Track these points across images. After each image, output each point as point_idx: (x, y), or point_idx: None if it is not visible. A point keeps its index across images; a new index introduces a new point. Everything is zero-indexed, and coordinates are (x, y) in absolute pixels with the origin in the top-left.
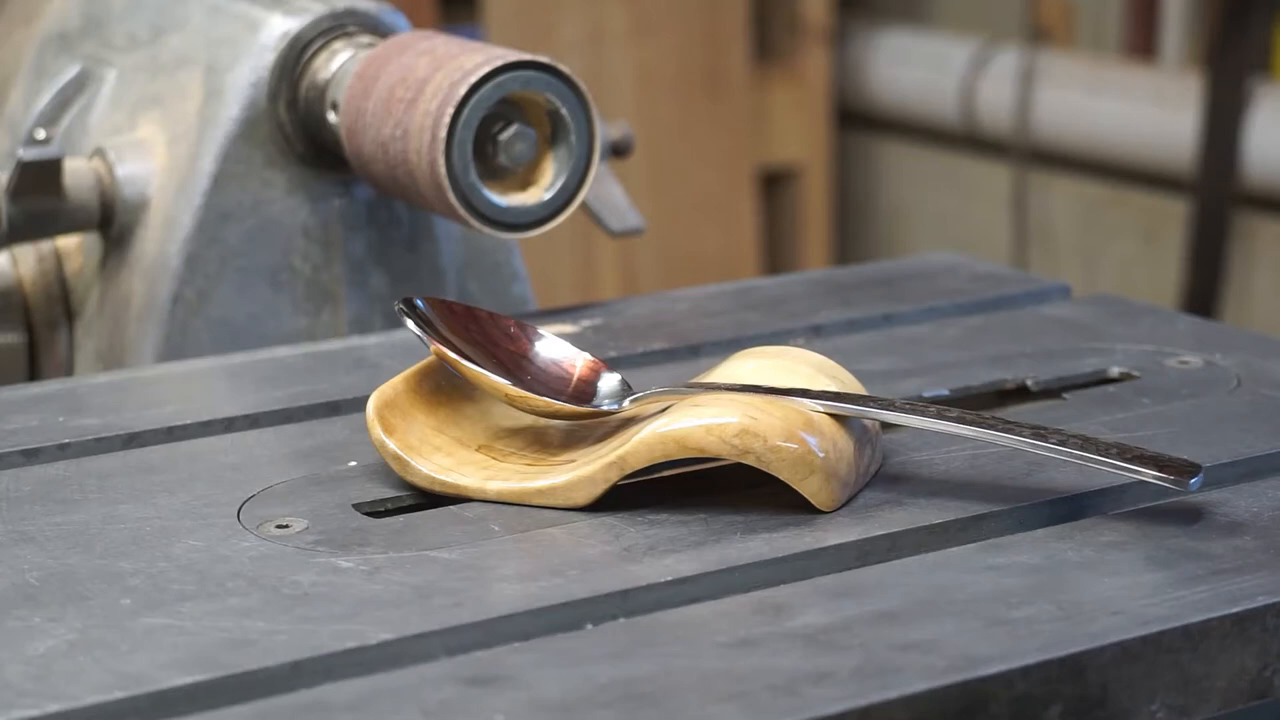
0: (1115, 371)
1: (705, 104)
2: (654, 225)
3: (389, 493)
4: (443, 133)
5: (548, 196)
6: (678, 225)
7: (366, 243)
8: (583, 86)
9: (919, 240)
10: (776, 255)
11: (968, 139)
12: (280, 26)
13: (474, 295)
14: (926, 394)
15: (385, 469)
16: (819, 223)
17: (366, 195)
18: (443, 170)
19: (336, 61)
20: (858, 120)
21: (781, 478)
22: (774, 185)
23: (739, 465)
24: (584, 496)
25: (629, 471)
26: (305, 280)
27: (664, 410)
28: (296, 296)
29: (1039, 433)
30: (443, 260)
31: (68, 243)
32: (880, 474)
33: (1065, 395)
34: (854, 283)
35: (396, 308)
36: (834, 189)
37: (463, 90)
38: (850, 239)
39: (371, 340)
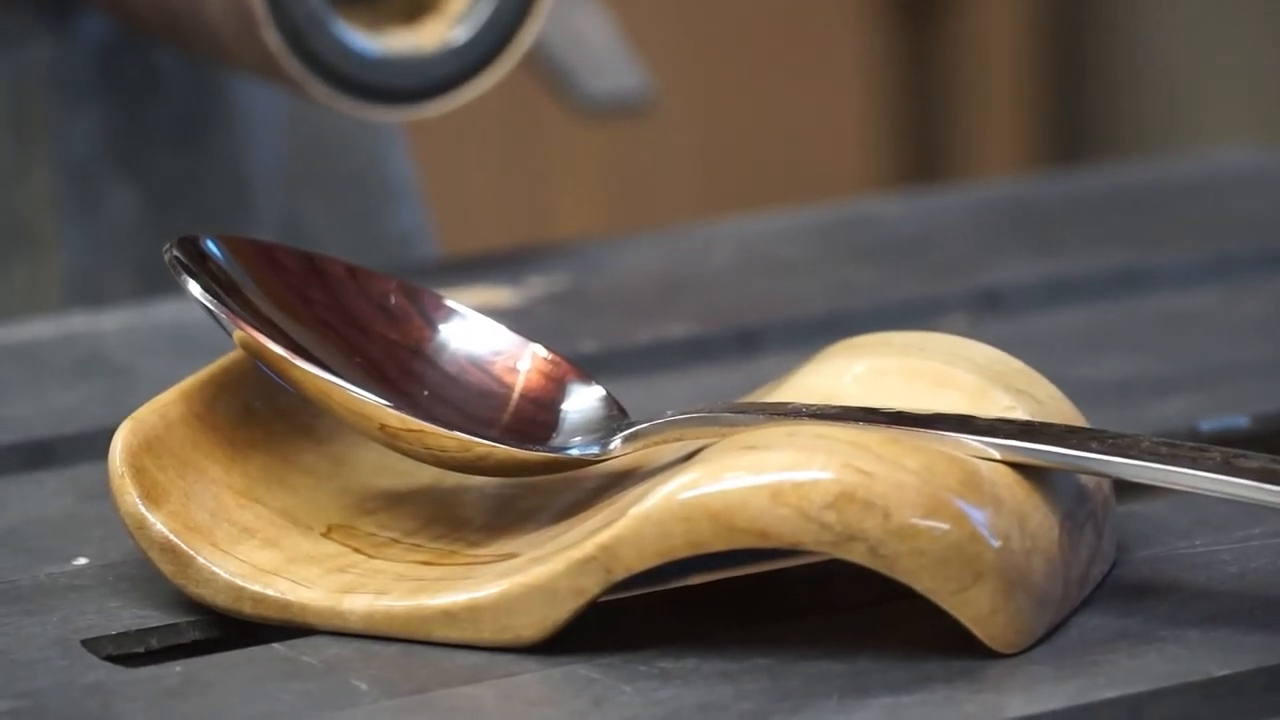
0: None
1: None
2: (679, 89)
3: (155, 618)
4: None
5: (461, 35)
6: (727, 86)
7: (101, 127)
8: None
9: (1201, 117)
10: (919, 149)
11: None
12: None
13: (315, 231)
14: (1204, 426)
15: (147, 571)
16: (1003, 83)
17: (101, 35)
18: None
19: None
20: None
21: (918, 588)
22: (918, 9)
23: (833, 563)
24: (534, 623)
25: (619, 576)
26: None
27: (688, 457)
28: None
29: None
30: (253, 162)
31: None
32: (1110, 580)
33: None
34: (1066, 203)
35: (166, 255)
36: (1034, 16)
37: None
38: (1067, 115)
39: (115, 318)
